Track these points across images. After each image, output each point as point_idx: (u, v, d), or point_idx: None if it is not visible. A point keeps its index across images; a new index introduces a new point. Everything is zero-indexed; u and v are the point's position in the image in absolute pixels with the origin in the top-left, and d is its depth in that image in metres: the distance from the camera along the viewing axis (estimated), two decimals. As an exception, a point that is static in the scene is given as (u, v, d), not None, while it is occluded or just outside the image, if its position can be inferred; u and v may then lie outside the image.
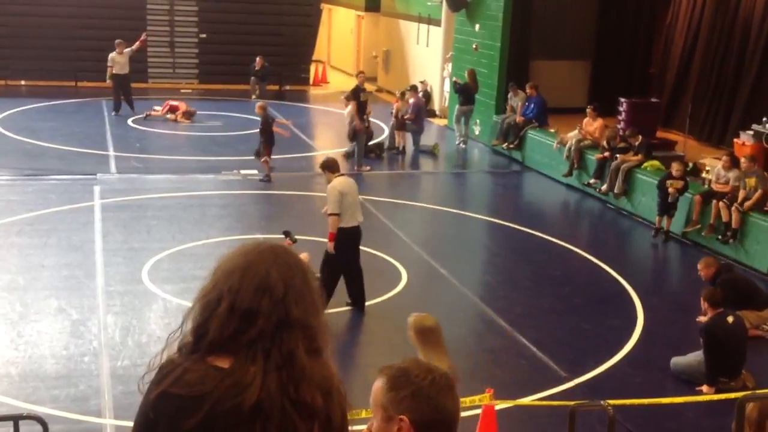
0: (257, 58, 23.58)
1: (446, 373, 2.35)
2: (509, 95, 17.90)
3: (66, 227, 11.74)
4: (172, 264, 10.51)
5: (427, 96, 21.69)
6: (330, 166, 9.28)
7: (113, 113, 19.90)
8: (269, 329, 2.15)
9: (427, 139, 18.35)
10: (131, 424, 5.98)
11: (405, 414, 2.26)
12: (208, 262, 9.43)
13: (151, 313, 9.05)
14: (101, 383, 7.42)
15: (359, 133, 16.18)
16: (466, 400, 6.37)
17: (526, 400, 7.41)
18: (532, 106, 17.15)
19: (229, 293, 2.19)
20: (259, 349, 2.14)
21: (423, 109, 18.52)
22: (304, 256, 6.66)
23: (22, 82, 23.48)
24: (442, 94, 22.33)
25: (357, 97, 16.32)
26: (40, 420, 4.45)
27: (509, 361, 8.48)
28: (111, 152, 16.43)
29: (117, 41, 20.01)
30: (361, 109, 16.26)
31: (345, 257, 9.08)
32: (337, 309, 9.25)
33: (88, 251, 10.75)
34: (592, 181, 14.67)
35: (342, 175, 9.40)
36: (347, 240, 9.06)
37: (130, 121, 19.44)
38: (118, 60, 19.88)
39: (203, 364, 2.18)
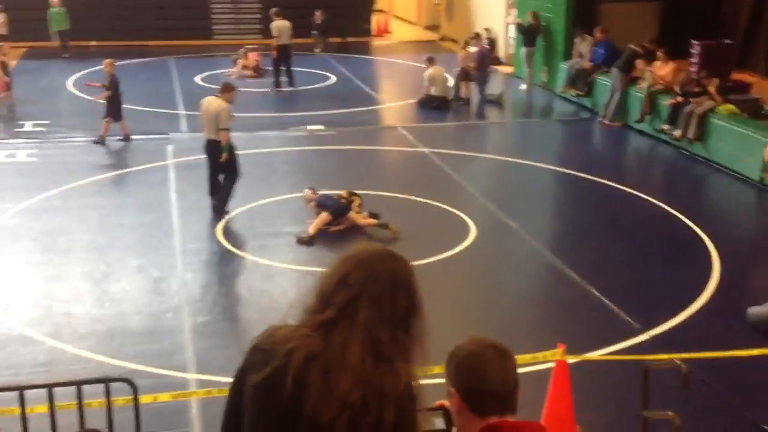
0: (317, 12, 23.52)
1: (498, 345, 2.43)
2: (576, 40, 17.53)
3: (142, 187, 12.08)
4: (244, 221, 10.73)
5: (492, 43, 21.37)
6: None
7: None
8: (334, 318, 2.34)
9: (493, 88, 18.15)
10: (214, 377, 6.24)
11: (454, 385, 2.39)
12: (278, 220, 9.76)
13: (228, 271, 9.30)
14: (184, 339, 7.70)
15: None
16: (538, 355, 6.42)
17: (598, 354, 7.42)
18: (602, 50, 16.77)
19: (321, 278, 2.38)
20: (326, 331, 2.34)
21: (487, 58, 18.29)
22: None
23: (93, 42, 23.91)
24: (507, 41, 21.99)
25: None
26: (129, 382, 4.65)
27: (580, 313, 8.47)
28: (181, 111, 16.72)
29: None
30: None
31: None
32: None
33: (165, 210, 11.05)
34: (665, 127, 14.35)
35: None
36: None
37: (198, 79, 19.70)
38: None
39: (295, 329, 2.38)
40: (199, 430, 6.28)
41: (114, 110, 14.22)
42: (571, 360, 6.70)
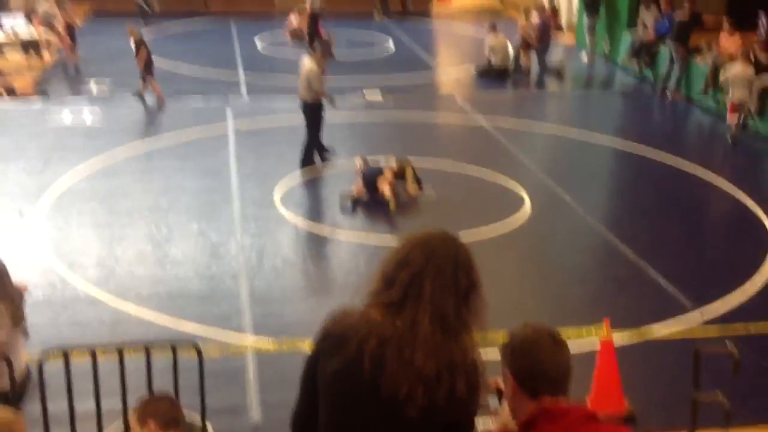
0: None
1: (552, 332, 2.50)
2: (641, 10, 17.19)
3: (202, 151, 12.32)
4: (301, 188, 10.91)
5: (554, 11, 21.07)
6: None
7: None
8: (401, 297, 2.46)
9: (554, 58, 17.95)
10: (270, 341, 6.45)
11: (508, 368, 2.47)
12: (333, 188, 9.87)
13: (284, 238, 9.51)
14: (241, 303, 7.92)
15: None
16: (583, 330, 6.48)
17: (649, 331, 7.42)
18: (667, 22, 16.42)
19: (384, 260, 2.49)
20: (395, 311, 2.46)
21: (548, 28, 18.06)
22: None
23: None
24: (570, 9, 21.65)
25: None
26: (196, 347, 4.86)
27: (633, 290, 8.46)
28: (241, 74, 16.92)
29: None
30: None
31: None
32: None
33: (224, 175, 11.28)
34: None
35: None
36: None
37: (257, 41, 19.86)
38: None
39: (362, 313, 2.50)
40: (256, 391, 6.50)
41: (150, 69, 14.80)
42: (619, 336, 6.74)
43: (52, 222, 9.63)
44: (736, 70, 13.13)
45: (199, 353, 4.80)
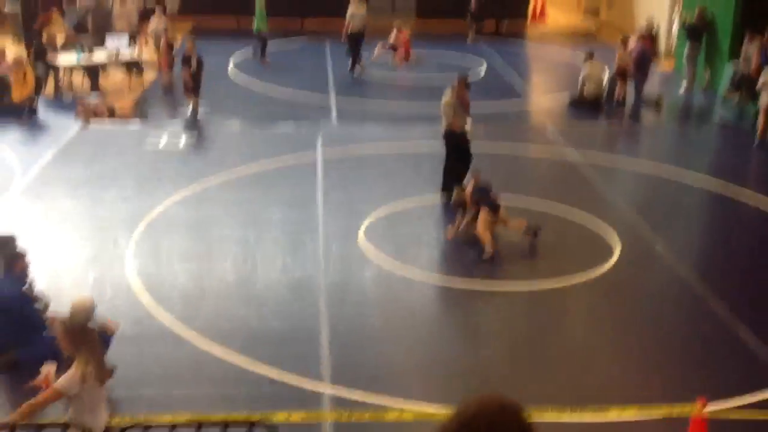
0: (473, -1, 23.32)
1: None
2: (745, 41, 16.58)
3: (290, 180, 12.47)
4: (387, 225, 10.90)
5: (653, 37, 20.53)
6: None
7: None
8: None
9: (652, 87, 17.48)
10: (346, 392, 6.38)
11: None
12: (420, 226, 9.79)
13: (367, 278, 9.50)
14: (320, 347, 7.96)
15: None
16: (675, 408, 6.25)
17: (736, 406, 7.10)
18: (771, 55, 15.80)
19: None
20: None
21: (647, 56, 17.59)
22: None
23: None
24: (670, 35, 21.07)
25: None
26: (272, 428, 4.89)
27: (724, 354, 8.11)
28: (332, 98, 17.09)
29: None
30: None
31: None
32: (546, 284, 9.28)
33: (311, 207, 11.38)
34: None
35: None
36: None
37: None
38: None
39: None
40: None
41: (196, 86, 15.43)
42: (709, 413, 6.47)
43: (142, 252, 9.90)
44: None
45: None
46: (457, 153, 11.73)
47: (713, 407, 6.69)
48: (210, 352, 7.83)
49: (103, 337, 7.11)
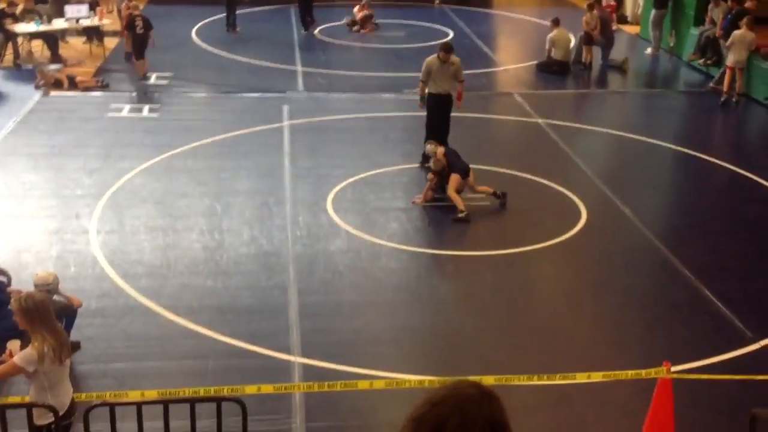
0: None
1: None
2: (710, 6, 16.63)
3: (258, 150, 12.32)
4: (355, 193, 10.84)
5: (619, 1, 20.53)
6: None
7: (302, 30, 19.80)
8: None
9: (618, 52, 17.49)
10: (317, 362, 6.36)
11: None
12: (388, 193, 9.73)
13: (335, 247, 9.44)
14: (290, 319, 7.91)
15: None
16: (641, 372, 6.32)
17: (704, 366, 7.20)
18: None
19: (413, 423, 2.29)
20: None
21: (609, 21, 17.59)
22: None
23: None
24: (636, 1, 21.07)
25: None
26: (240, 403, 4.84)
27: (691, 316, 8.21)
28: (298, 67, 16.88)
29: None
30: None
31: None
32: (514, 249, 9.31)
33: (278, 176, 11.27)
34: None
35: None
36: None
37: (316, 32, 19.78)
38: None
39: None
40: (302, 418, 6.50)
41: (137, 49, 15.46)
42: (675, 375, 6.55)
43: (108, 225, 9.75)
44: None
45: (244, 411, 4.79)
46: (440, 114, 11.77)
47: (679, 368, 6.78)
48: (178, 324, 7.76)
49: (68, 312, 7.02)
